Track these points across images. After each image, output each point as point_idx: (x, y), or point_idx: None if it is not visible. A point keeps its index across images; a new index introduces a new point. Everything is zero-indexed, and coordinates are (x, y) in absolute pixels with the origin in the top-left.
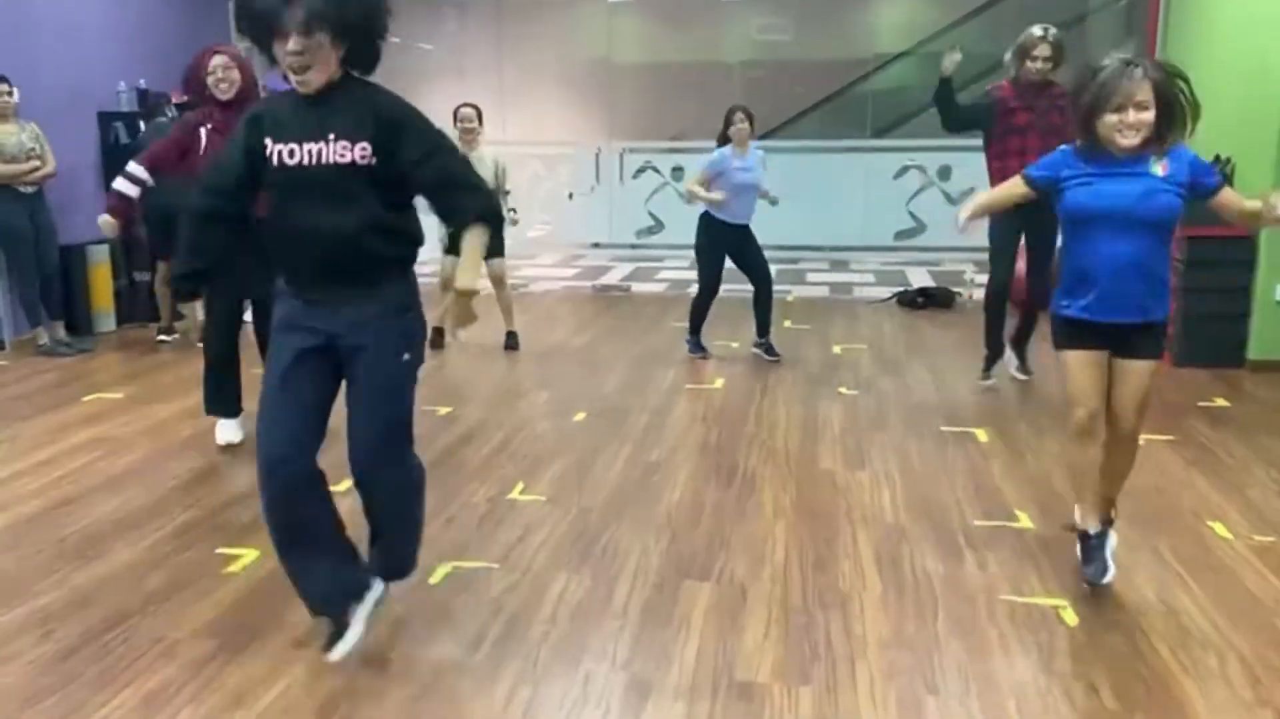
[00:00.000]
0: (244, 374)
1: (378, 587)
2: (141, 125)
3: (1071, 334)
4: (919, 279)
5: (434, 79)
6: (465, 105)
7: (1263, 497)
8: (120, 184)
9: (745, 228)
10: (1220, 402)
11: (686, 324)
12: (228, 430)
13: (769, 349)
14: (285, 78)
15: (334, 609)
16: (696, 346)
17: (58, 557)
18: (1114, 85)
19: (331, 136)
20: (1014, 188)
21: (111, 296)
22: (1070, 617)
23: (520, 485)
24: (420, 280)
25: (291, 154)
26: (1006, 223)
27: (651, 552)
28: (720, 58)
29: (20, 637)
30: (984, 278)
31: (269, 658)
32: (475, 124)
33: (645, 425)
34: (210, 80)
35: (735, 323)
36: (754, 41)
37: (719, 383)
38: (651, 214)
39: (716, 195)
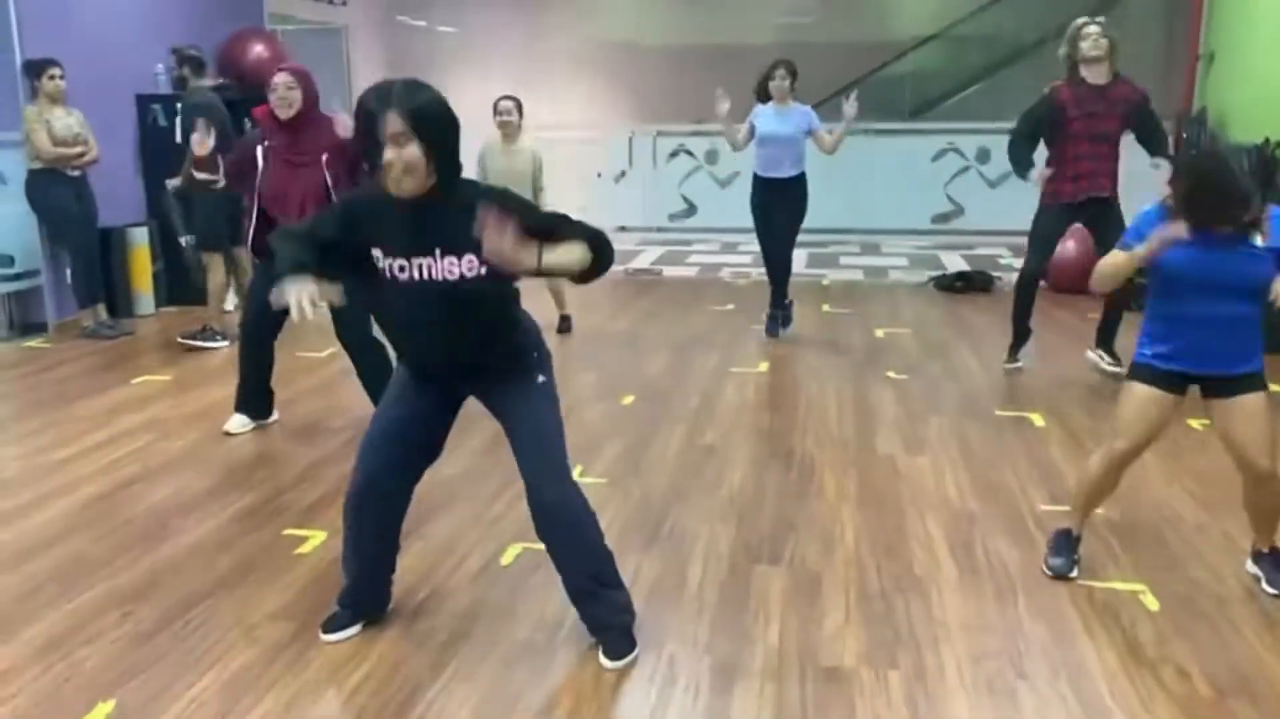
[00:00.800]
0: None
1: None
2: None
3: (1147, 376)
4: (953, 263)
5: (462, 64)
6: (504, 98)
7: None
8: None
9: (782, 185)
10: (1274, 387)
11: (725, 308)
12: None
13: (774, 318)
14: None
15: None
16: (777, 320)
17: (128, 538)
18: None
19: (438, 252)
20: (1130, 270)
21: (150, 280)
22: (1151, 602)
23: (579, 467)
24: None
25: (402, 269)
26: (1058, 213)
27: (719, 535)
28: (754, 40)
29: (101, 616)
30: (1019, 262)
31: (354, 640)
32: (514, 116)
33: (696, 408)
34: (272, 99)
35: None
36: (783, 25)
37: (764, 366)
38: (684, 197)
39: (738, 128)
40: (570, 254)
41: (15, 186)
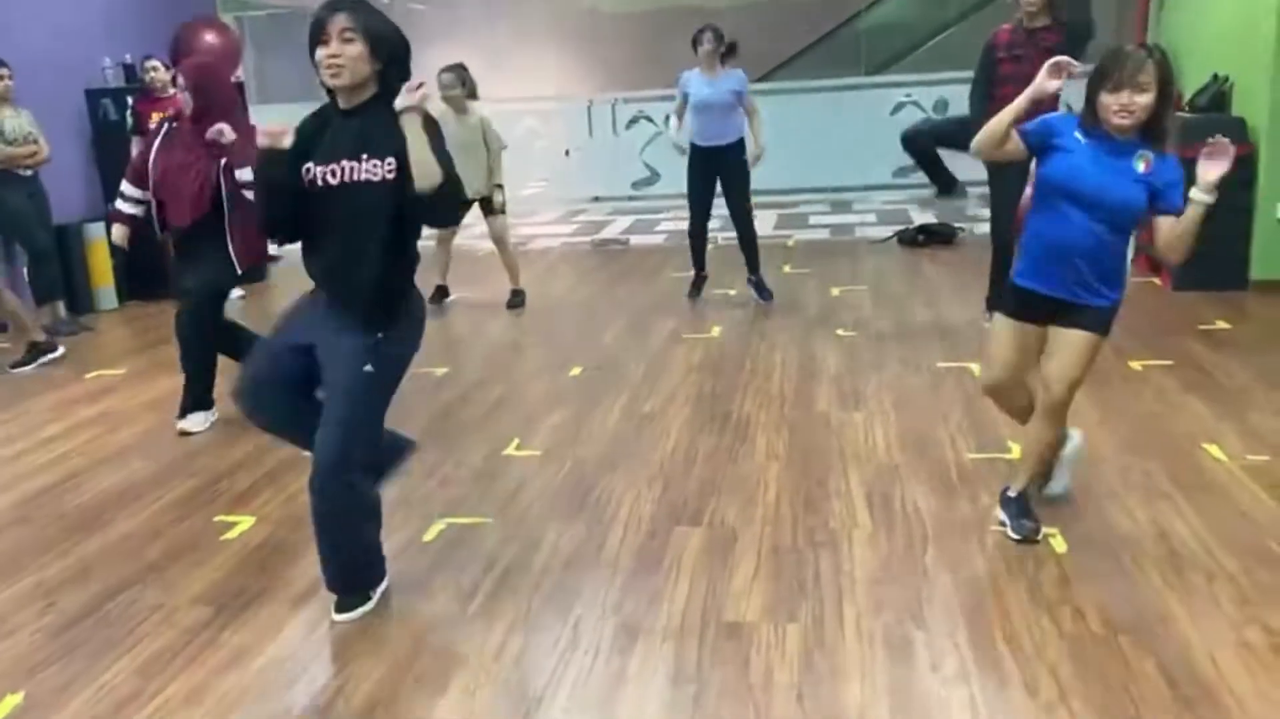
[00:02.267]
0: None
1: None
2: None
3: (1013, 301)
4: (922, 216)
5: (429, 40)
6: (445, 70)
7: (1261, 418)
8: None
9: (723, 154)
10: (1221, 324)
11: (686, 274)
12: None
13: (759, 287)
14: None
15: None
16: (698, 287)
17: (61, 530)
18: (1116, 63)
19: (364, 156)
20: (1004, 130)
21: (111, 273)
22: (1059, 544)
23: (516, 441)
24: (422, 241)
25: (333, 174)
26: (1010, 177)
27: (644, 499)
28: (712, 3)
29: (24, 609)
30: (986, 212)
31: (265, 619)
32: (457, 89)
33: (641, 376)
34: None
35: (732, 268)
36: None
37: (716, 331)
38: (647, 164)
39: (674, 123)
40: (432, 167)
41: None
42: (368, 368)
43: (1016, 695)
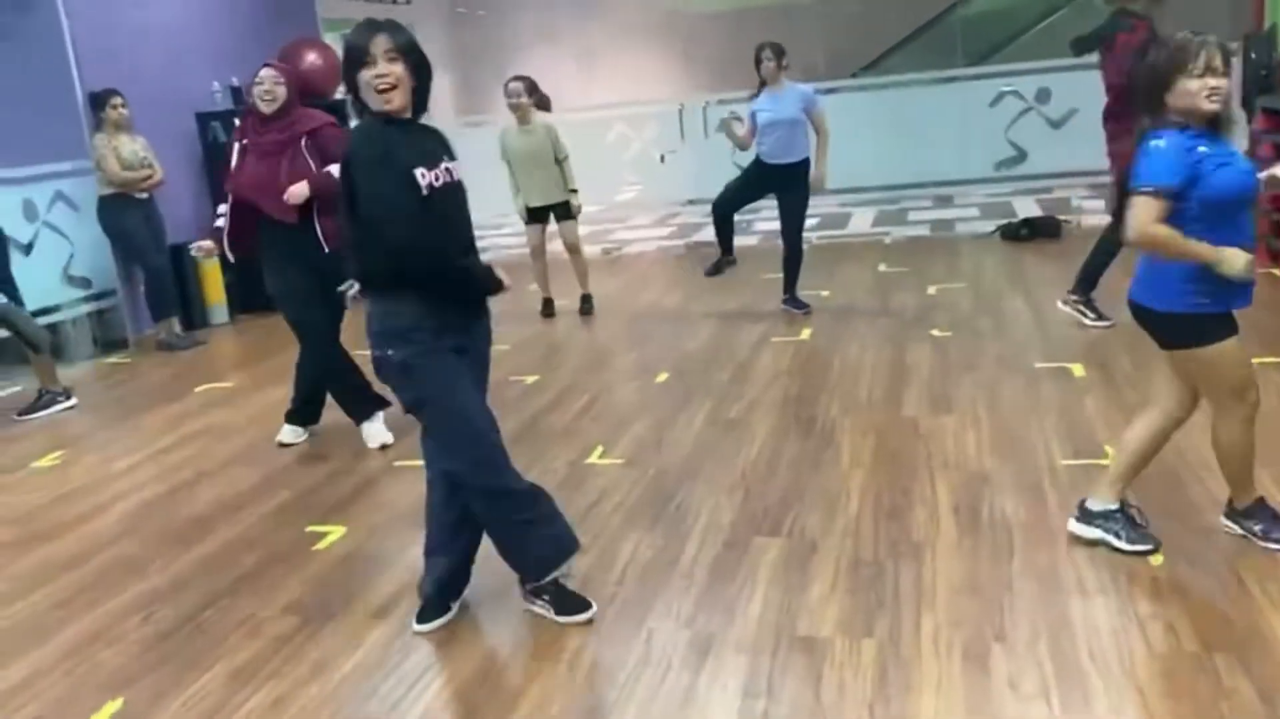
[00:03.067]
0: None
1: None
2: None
3: (1221, 324)
4: (1026, 209)
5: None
6: (513, 79)
7: None
8: None
9: (783, 172)
10: None
11: (779, 276)
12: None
13: (795, 303)
14: None
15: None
16: (719, 266)
17: (165, 541)
18: (1193, 50)
19: (445, 157)
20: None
21: (223, 290)
22: (1157, 556)
23: (600, 449)
24: (512, 251)
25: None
26: None
27: (724, 509)
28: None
29: (127, 618)
30: (1094, 204)
31: (347, 631)
32: (523, 98)
33: (727, 382)
34: (257, 91)
35: (828, 271)
36: None
37: (806, 333)
38: (738, 166)
39: (739, 130)
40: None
41: (86, 212)
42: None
43: (1100, 715)
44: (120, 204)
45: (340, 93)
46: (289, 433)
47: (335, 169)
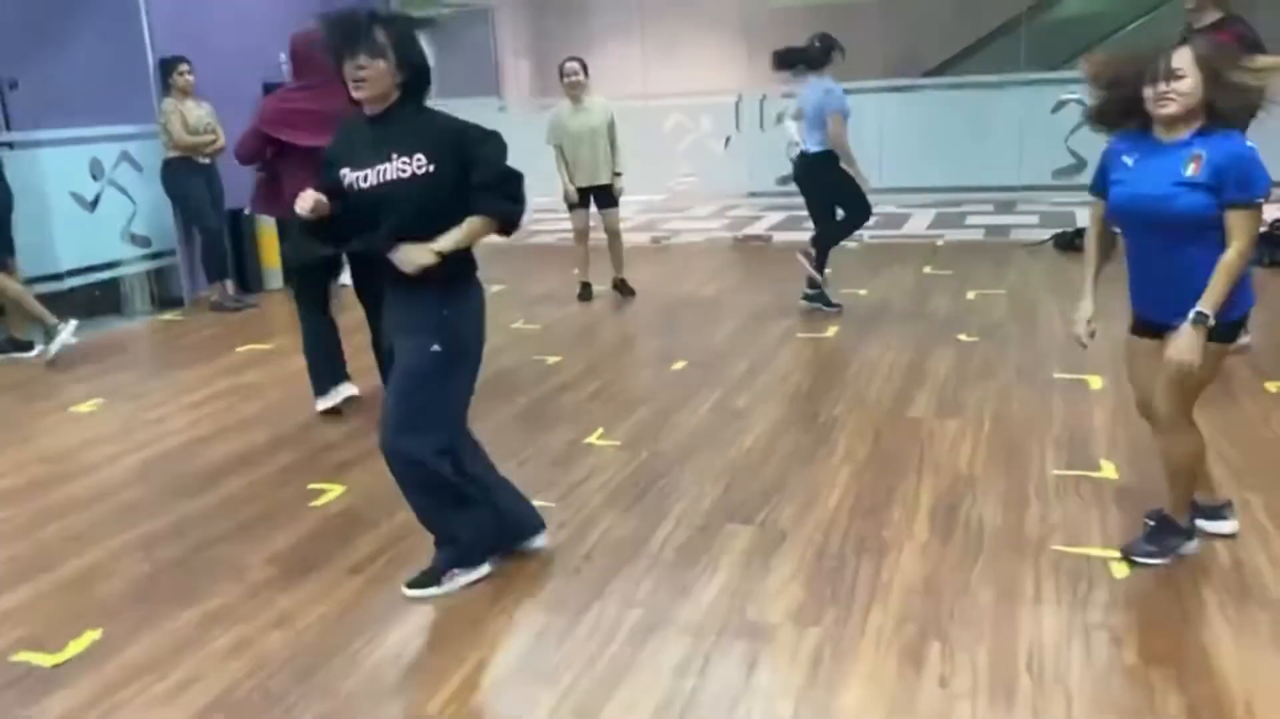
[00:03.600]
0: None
1: None
2: None
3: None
4: (1085, 220)
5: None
6: (570, 59)
7: None
8: None
9: (803, 161)
10: None
11: (829, 271)
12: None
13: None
14: None
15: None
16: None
17: (175, 489)
18: (1151, 60)
19: (393, 155)
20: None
21: (278, 256)
22: (1121, 569)
23: (600, 430)
24: (558, 238)
25: (364, 179)
26: None
27: (705, 495)
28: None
29: (125, 558)
30: None
31: (320, 584)
32: (580, 76)
33: (743, 373)
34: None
35: (873, 270)
36: None
37: (832, 331)
38: (792, 160)
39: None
40: (461, 234)
41: (150, 174)
42: (435, 347)
43: (1020, 718)
44: (183, 167)
45: None
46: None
47: None
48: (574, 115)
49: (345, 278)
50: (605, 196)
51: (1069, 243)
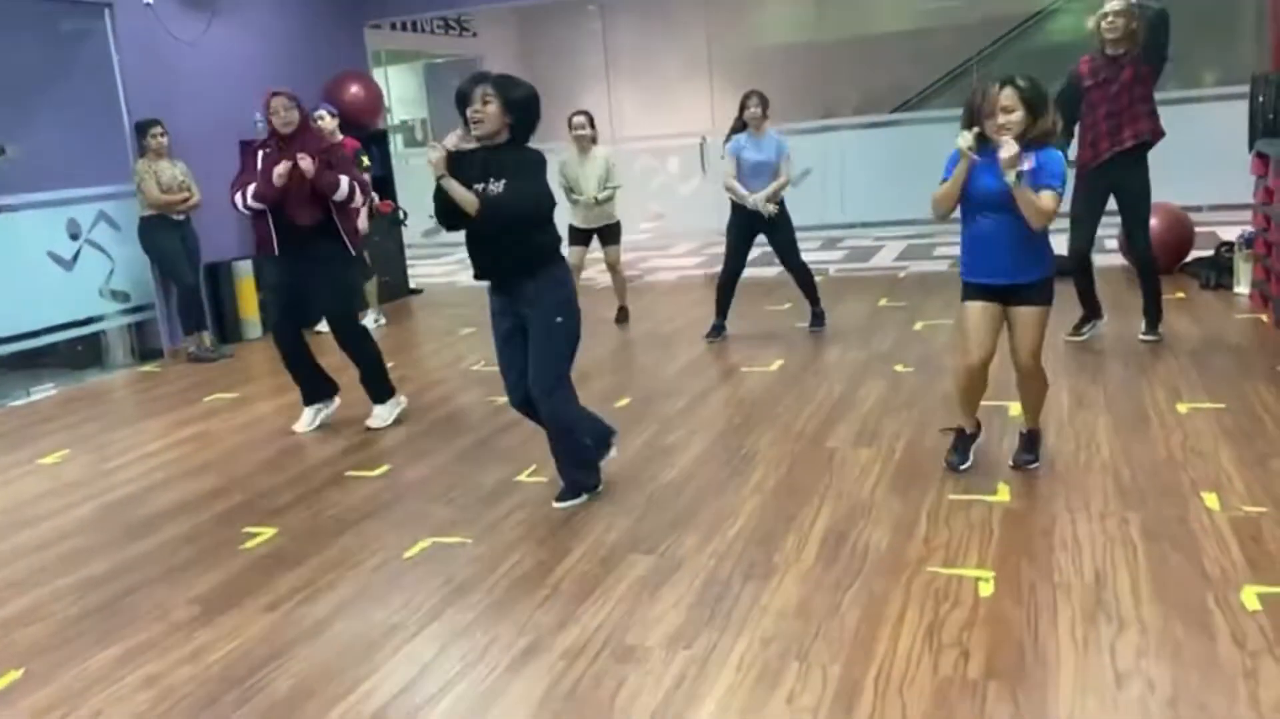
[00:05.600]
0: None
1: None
2: None
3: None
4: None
5: (592, 81)
6: (578, 113)
7: None
8: None
9: (761, 215)
10: None
11: (779, 308)
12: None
13: (816, 319)
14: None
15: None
16: (716, 330)
17: (121, 534)
18: (984, 98)
19: (492, 179)
20: (956, 194)
21: (256, 307)
22: (987, 588)
23: (532, 468)
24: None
25: (479, 190)
26: (1088, 190)
27: (616, 528)
28: (817, 37)
29: (60, 600)
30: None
31: (236, 621)
32: (587, 130)
33: (682, 408)
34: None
35: (830, 304)
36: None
37: (776, 365)
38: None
39: (741, 190)
40: (457, 191)
41: (128, 232)
42: (558, 319)
43: None
44: (158, 224)
45: (382, 122)
46: (303, 420)
47: (343, 179)
48: (578, 164)
49: (322, 325)
50: (605, 234)
51: None
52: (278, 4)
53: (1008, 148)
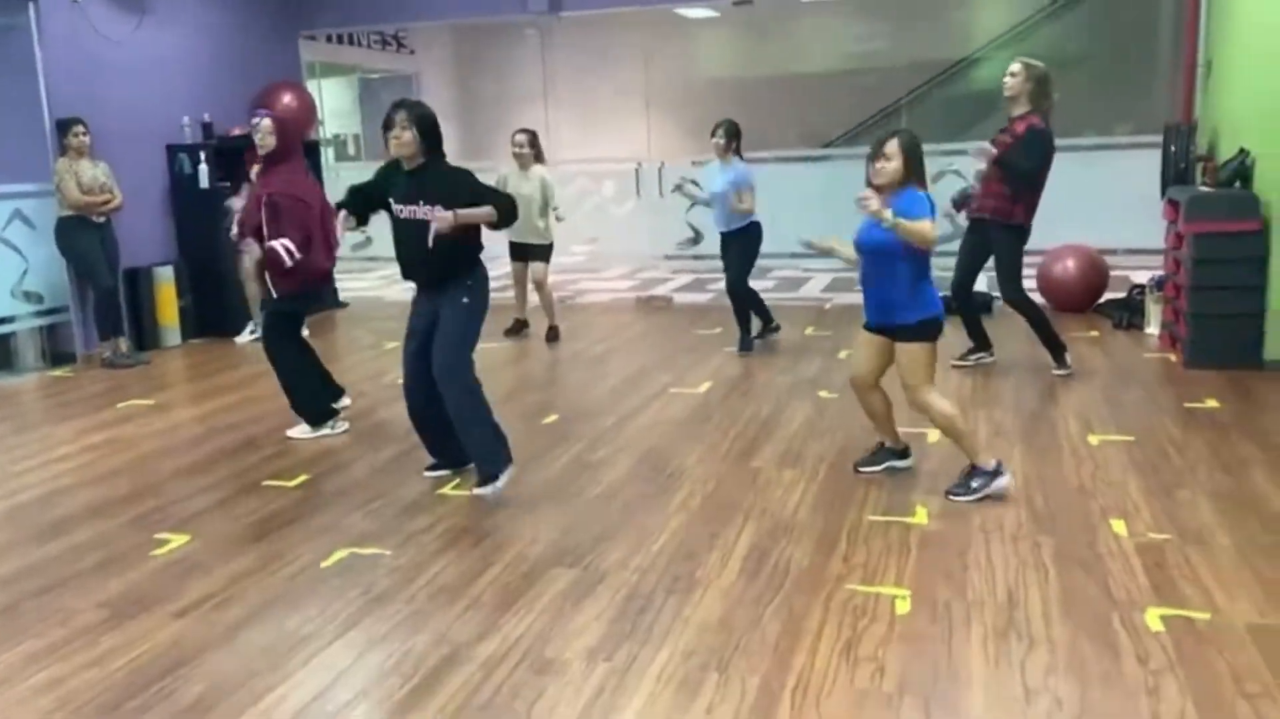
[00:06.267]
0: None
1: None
2: (201, 156)
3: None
4: (982, 284)
5: (526, 103)
6: (519, 131)
7: (1188, 495)
8: None
9: (725, 236)
10: (1211, 403)
11: (712, 332)
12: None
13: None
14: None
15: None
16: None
17: (29, 538)
18: (872, 145)
19: (420, 201)
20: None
21: (176, 313)
22: (903, 605)
23: (456, 481)
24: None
25: (400, 211)
26: (969, 234)
27: (540, 542)
28: (753, 73)
29: None
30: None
31: (144, 626)
32: (526, 149)
33: (608, 427)
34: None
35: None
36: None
37: (704, 387)
38: (690, 225)
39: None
40: (477, 213)
41: (44, 232)
42: (465, 300)
43: None
44: (77, 225)
45: (314, 134)
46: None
47: (280, 244)
48: (516, 179)
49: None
50: (536, 252)
51: (946, 306)
52: (212, 7)
53: (869, 200)
